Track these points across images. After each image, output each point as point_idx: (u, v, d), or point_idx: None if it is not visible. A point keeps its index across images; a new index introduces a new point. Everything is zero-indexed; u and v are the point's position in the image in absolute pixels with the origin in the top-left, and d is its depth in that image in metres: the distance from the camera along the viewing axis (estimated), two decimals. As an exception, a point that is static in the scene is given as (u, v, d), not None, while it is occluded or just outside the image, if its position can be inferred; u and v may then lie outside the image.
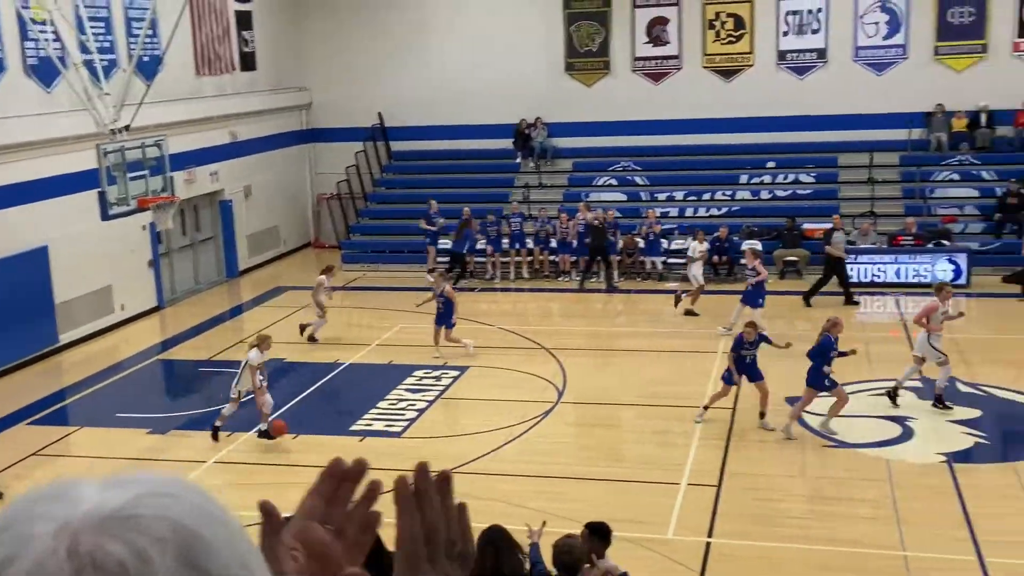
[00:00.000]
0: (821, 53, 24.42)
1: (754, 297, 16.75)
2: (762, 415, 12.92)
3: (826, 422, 12.65)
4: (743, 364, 12.87)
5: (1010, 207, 20.99)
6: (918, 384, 14.05)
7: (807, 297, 19.12)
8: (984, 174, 22.88)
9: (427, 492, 1.17)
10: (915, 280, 20.14)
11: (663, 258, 21.91)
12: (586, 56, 25.78)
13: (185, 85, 22.12)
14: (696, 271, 18.79)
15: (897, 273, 20.29)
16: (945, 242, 20.82)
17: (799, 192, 23.60)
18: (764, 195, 23.78)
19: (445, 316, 16.41)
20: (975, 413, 13.12)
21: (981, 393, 13.91)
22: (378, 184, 26.80)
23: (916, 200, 22.51)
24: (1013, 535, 9.84)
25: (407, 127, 26.72)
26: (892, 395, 13.52)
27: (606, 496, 11.06)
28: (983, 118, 23.31)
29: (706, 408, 13.22)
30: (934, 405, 13.31)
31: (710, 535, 10.10)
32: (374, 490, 1.14)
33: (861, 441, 12.28)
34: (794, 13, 24.44)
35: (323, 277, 17.79)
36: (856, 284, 19.72)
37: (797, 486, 11.26)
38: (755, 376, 12.97)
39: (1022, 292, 19.27)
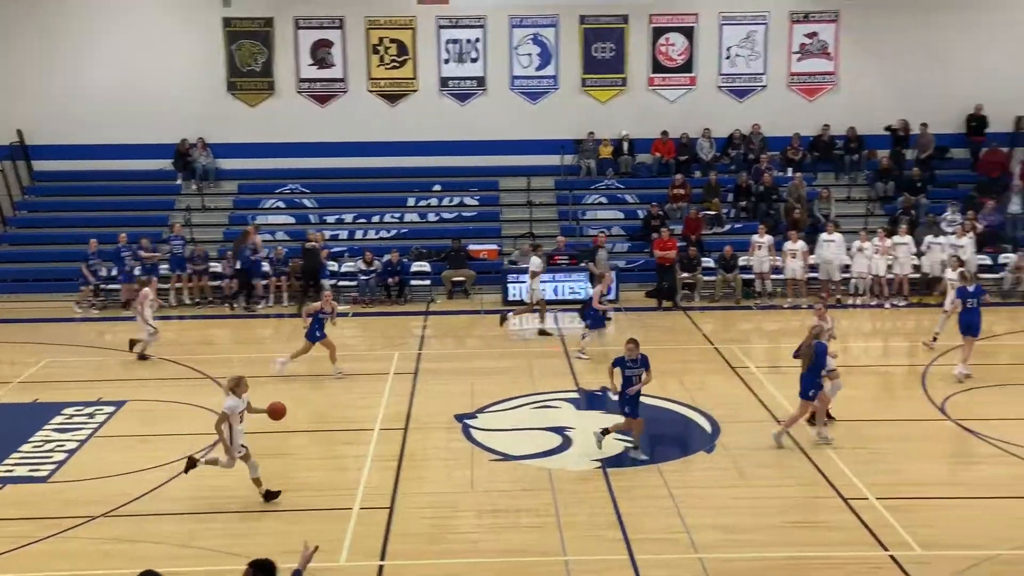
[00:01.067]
0: (480, 81, 25.50)
1: (599, 318, 17.27)
2: (636, 447, 12.82)
3: (821, 431, 12.93)
4: (630, 385, 12.57)
5: (653, 227, 22.95)
6: (575, 395, 14.95)
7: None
8: (628, 197, 24.95)
9: None
10: (571, 296, 21.51)
11: (332, 280, 21.88)
12: (249, 76, 25.20)
13: None
14: (536, 285, 18.94)
15: (555, 291, 21.53)
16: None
17: (464, 215, 24.51)
18: (431, 217, 24.45)
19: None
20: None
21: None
22: (19, 207, 24.59)
23: (570, 222, 24.07)
24: (659, 532, 10.69)
25: (53, 145, 24.80)
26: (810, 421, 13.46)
27: (278, 527, 10.78)
28: (625, 146, 25.46)
29: (607, 432, 12.94)
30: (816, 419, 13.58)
31: (383, 558, 10.12)
32: None
33: (525, 453, 12.84)
34: (454, 42, 25.36)
35: (147, 290, 17.36)
36: (518, 302, 20.69)
37: (467, 501, 11.55)
38: (634, 410, 12.66)
39: (659, 305, 21.18)
